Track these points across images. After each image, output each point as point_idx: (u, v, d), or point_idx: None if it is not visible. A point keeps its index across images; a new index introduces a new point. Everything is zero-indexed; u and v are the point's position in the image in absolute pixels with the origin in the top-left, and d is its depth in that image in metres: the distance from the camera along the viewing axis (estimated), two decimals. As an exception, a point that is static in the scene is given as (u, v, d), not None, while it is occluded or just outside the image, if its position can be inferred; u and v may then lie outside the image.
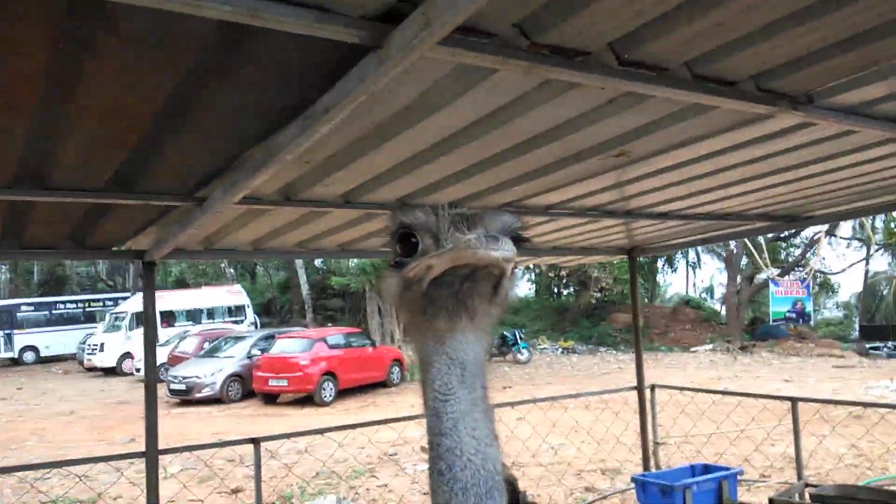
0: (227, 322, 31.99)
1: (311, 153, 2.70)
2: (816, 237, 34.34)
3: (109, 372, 28.53)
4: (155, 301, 4.47)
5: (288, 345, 21.61)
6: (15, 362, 32.63)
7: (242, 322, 32.93)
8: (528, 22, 1.87)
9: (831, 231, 37.34)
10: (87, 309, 36.15)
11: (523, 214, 4.26)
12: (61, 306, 35.72)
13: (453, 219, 1.31)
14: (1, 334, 32.76)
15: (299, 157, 2.66)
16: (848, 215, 5.67)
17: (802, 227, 29.19)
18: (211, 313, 33.15)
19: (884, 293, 44.96)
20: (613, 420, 12.59)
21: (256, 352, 22.13)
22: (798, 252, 41.01)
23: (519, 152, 3.00)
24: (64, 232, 3.95)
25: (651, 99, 2.46)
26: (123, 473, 7.95)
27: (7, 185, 2.83)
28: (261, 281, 46.07)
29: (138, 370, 25.77)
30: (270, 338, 23.19)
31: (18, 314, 33.66)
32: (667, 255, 46.47)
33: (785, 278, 35.10)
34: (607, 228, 5.38)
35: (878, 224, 37.77)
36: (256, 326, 32.46)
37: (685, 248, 32.38)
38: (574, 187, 3.81)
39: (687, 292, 52.73)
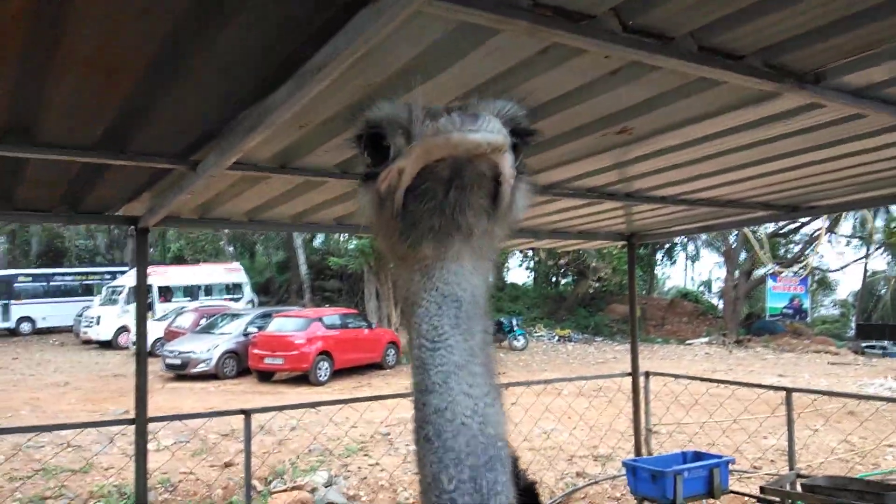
0: (225, 299, 32.01)
1: (306, 116, 2.64)
2: (816, 234, 34.29)
3: (105, 345, 28.58)
4: (147, 268, 4.43)
5: (284, 323, 21.63)
6: (12, 333, 32.67)
7: (240, 300, 32.96)
8: (530, -21, 1.81)
9: (832, 228, 37.29)
10: (85, 282, 36.17)
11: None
12: (59, 278, 35.72)
13: (430, 110, 1.01)
14: (-2, 304, 32.82)
15: (294, 121, 2.61)
16: (850, 206, 5.63)
17: (804, 218, 29.14)
18: (209, 290, 33.18)
19: (881, 293, 44.99)
20: (607, 406, 12.61)
21: (253, 329, 22.14)
22: (798, 248, 40.97)
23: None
24: (57, 194, 3.90)
25: (656, 71, 2.40)
26: (115, 443, 7.95)
27: (-5, 140, 2.78)
28: (260, 260, 46.05)
29: (134, 344, 25.78)
30: (267, 316, 23.20)
31: (16, 285, 33.67)
32: (666, 249, 46.47)
33: (783, 274, 35.10)
34: (607, 212, 5.33)
35: (879, 223, 37.75)
36: (254, 305, 32.47)
37: (684, 236, 32.35)
38: (575, 165, 3.75)
39: (685, 285, 52.77)
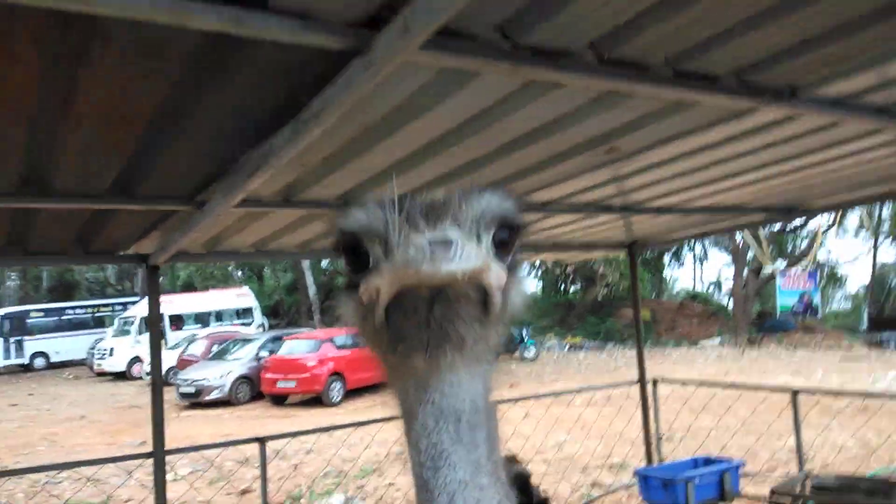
0: (236, 324, 32.14)
1: (306, 156, 2.76)
2: (826, 228, 34.24)
3: (119, 376, 28.72)
4: (159, 304, 4.55)
5: (295, 346, 21.75)
6: (26, 368, 32.86)
7: (250, 324, 33.06)
8: (509, 24, 1.92)
9: (839, 222, 37.23)
10: (97, 314, 36.40)
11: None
12: (70, 312, 35.95)
13: (409, 213, 0.95)
14: (12, 341, 32.98)
15: (294, 160, 2.72)
16: (845, 205, 5.72)
17: (802, 218, 29.05)
18: (219, 316, 33.33)
19: (893, 284, 44.81)
20: (618, 415, 12.61)
21: (264, 353, 22.25)
22: (804, 244, 40.89)
23: (509, 151, 3.06)
24: (69, 238, 4.04)
25: (635, 96, 2.51)
26: (133, 476, 8.04)
27: (9, 193, 2.91)
28: (268, 283, 46.22)
29: (148, 374, 25.88)
30: (278, 339, 23.32)
31: (28, 320, 33.90)
32: (673, 250, 46.44)
33: (791, 270, 35.02)
34: (605, 224, 5.43)
35: (885, 214, 37.67)
36: (264, 328, 32.58)
37: (685, 241, 32.33)
38: (568, 184, 3.86)
39: (694, 287, 52.66)
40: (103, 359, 29.52)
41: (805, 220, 33.24)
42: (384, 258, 0.94)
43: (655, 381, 6.63)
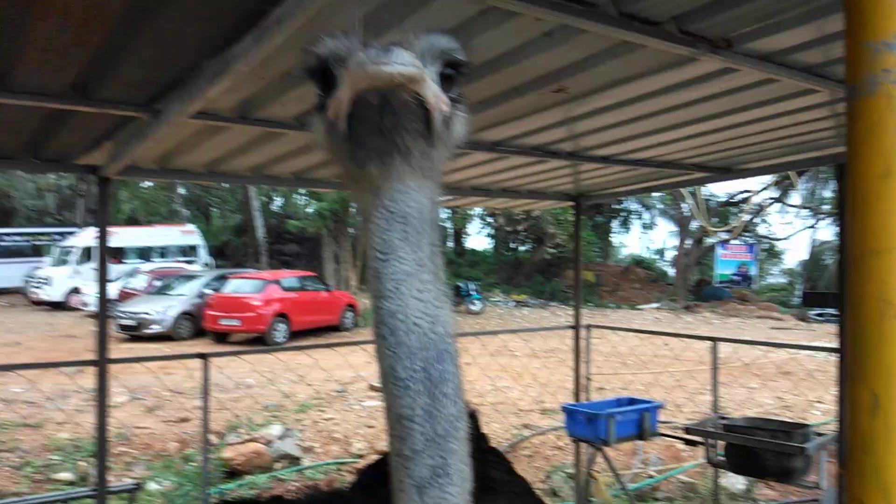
0: (180, 262, 31.72)
1: (266, 67, 2.84)
2: (767, 203, 35.35)
3: (57, 306, 28.21)
4: (109, 216, 4.57)
5: (241, 285, 21.68)
6: (-41, 293, 31.96)
7: (195, 263, 32.70)
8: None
9: (781, 199, 38.48)
10: (35, 242, 35.42)
11: (471, 149, 4.48)
12: (7, 238, 34.89)
13: (365, 44, 1.14)
14: (-55, 265, 31.95)
15: (255, 72, 2.80)
16: (780, 168, 6.02)
17: (737, 179, 29.90)
18: (163, 252, 32.85)
19: (828, 263, 46.64)
20: (558, 367, 13.10)
21: (208, 291, 22.12)
22: (748, 218, 42.17)
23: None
24: (21, 141, 4.01)
25: (585, 34, 2.66)
26: (69, 400, 8.06)
27: (-34, 86, 2.91)
28: (216, 223, 45.55)
29: (86, 305, 25.54)
30: (223, 278, 23.19)
31: (-37, 245, 32.85)
32: (623, 219, 47.34)
33: (732, 242, 36.19)
34: (554, 170, 5.61)
35: (828, 194, 39.03)
36: (210, 268, 32.27)
37: (628, 196, 33.05)
38: (517, 123, 4.02)
39: (640, 253, 53.95)
40: (40, 288, 28.94)
41: (749, 196, 34.30)
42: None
43: (589, 327, 6.96)
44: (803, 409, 11.87)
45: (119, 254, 30.34)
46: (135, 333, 20.49)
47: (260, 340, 20.26)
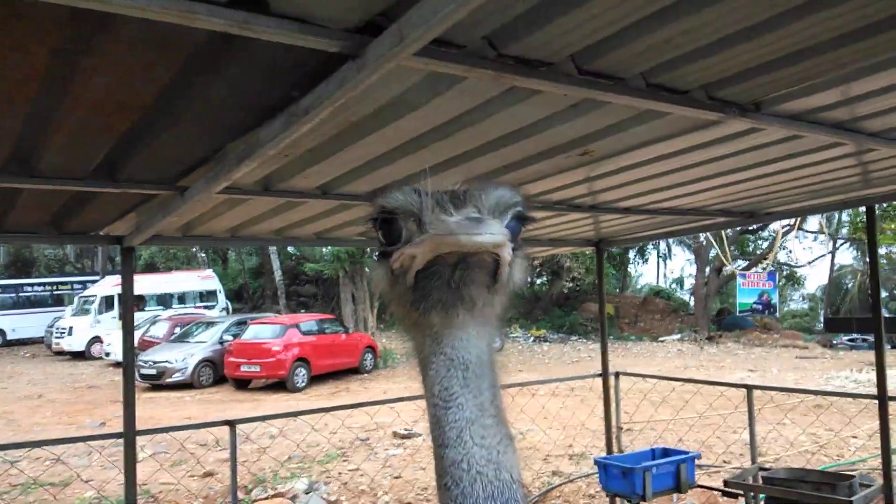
0: (199, 307, 31.81)
1: (291, 148, 2.83)
2: (776, 232, 35.05)
3: (78, 356, 28.30)
4: (133, 286, 4.57)
5: (260, 330, 21.65)
6: (-19, 345, 32.19)
7: (214, 307, 32.76)
8: (497, 35, 2.03)
9: (799, 225, 38.15)
10: (55, 292, 35.72)
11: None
12: (29, 289, 35.24)
13: (438, 198, 1.16)
14: (-33, 317, 32.27)
15: (279, 152, 2.80)
16: (803, 212, 5.95)
17: (762, 223, 29.78)
18: (182, 298, 32.96)
19: (849, 286, 46.06)
20: (580, 406, 12.86)
21: (228, 337, 22.12)
22: (765, 245, 41.82)
23: (488, 150, 3.17)
24: (45, 218, 4.05)
25: (610, 104, 2.63)
26: (100, 453, 8.00)
27: (-4, 173, 2.93)
28: (233, 266, 45.75)
29: (107, 354, 25.63)
30: (242, 323, 23.18)
31: (-16, 296, 33.19)
32: (638, 247, 47.10)
33: (751, 270, 35.82)
34: (575, 221, 5.57)
35: (845, 218, 38.69)
36: (228, 312, 32.34)
37: (650, 241, 32.86)
38: (542, 183, 3.99)
39: (658, 283, 53.55)
40: (62, 337, 29.04)
41: (765, 224, 34.02)
42: (418, 232, 1.15)
43: (618, 374, 6.84)
44: (839, 448, 11.55)
45: (139, 301, 30.50)
46: (156, 382, 20.48)
47: (280, 385, 20.18)
